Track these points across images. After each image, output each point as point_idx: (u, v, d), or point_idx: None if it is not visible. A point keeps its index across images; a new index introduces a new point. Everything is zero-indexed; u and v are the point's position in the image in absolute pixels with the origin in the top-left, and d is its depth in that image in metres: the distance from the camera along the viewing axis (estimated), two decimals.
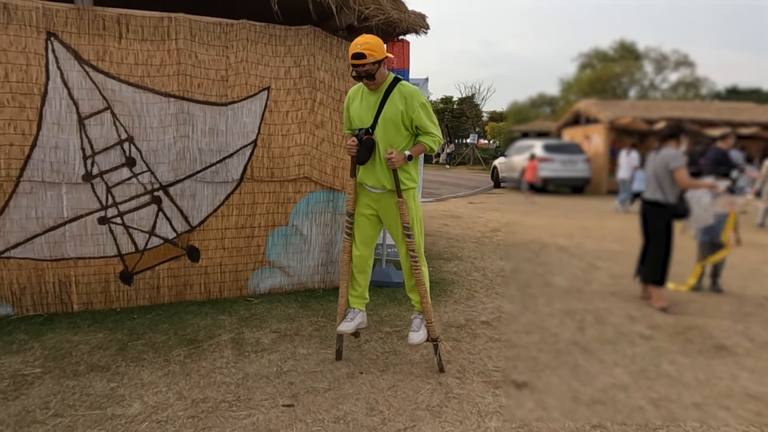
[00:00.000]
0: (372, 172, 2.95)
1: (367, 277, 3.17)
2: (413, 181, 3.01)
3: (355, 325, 3.07)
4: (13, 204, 3.50)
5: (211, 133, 3.91)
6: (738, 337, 3.71)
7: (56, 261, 3.66)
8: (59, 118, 3.52)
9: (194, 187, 3.93)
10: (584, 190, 15.40)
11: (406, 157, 2.87)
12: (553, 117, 27.37)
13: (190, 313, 3.79)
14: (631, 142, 14.70)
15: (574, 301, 4.50)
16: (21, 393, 2.59)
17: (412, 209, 2.99)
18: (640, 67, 25.48)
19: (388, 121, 2.86)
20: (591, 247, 6.98)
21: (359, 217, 3.07)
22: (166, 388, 2.69)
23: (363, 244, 3.09)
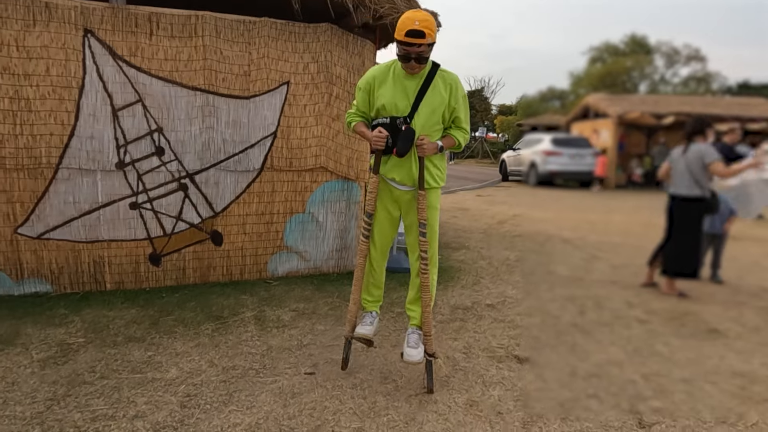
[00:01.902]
0: (403, 166, 2.63)
1: (383, 278, 2.95)
2: (441, 179, 2.74)
3: (375, 329, 2.89)
4: (52, 189, 3.78)
5: (234, 124, 4.16)
6: (730, 322, 3.92)
7: (91, 243, 3.94)
8: (95, 110, 3.78)
9: (218, 176, 4.19)
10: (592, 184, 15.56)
11: (438, 148, 2.60)
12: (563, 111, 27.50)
13: (214, 294, 4.06)
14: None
15: (575, 288, 4.72)
16: (69, 359, 2.87)
17: (433, 209, 2.72)
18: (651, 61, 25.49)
19: (431, 110, 2.56)
20: (594, 240, 7.18)
21: (380, 216, 2.77)
22: (198, 357, 2.95)
23: (381, 246, 2.85)
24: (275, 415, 2.39)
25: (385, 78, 2.62)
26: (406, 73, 2.56)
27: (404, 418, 2.43)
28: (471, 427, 2.38)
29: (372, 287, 2.94)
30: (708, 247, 4.98)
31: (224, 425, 2.29)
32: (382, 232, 2.82)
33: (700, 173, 4.33)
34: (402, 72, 2.58)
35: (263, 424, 2.31)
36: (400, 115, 2.57)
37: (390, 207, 2.78)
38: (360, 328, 2.83)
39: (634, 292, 4.65)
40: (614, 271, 5.37)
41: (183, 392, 2.55)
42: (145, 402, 2.45)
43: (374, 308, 2.95)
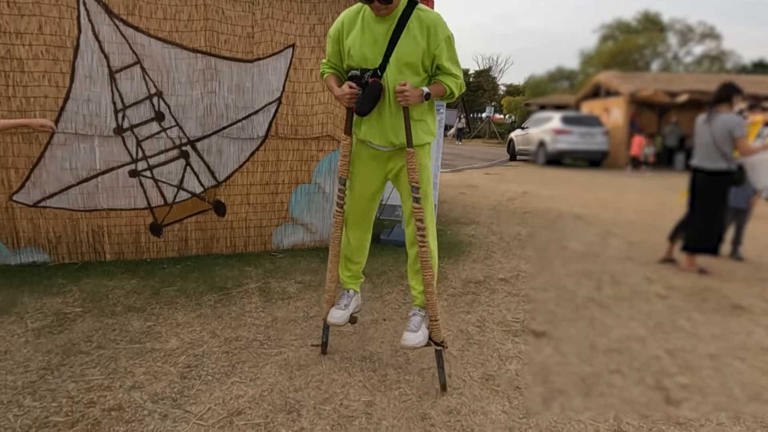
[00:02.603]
0: (379, 126, 2.26)
1: (365, 252, 2.62)
2: (430, 133, 2.36)
3: (349, 313, 2.53)
4: (48, 155, 3.62)
5: (237, 89, 3.97)
6: (754, 298, 3.75)
7: (89, 212, 3.79)
8: (91, 72, 3.60)
9: (220, 143, 4.02)
10: (602, 163, 15.29)
11: (423, 95, 2.18)
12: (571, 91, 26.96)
13: (218, 265, 3.92)
14: None
15: (591, 263, 4.55)
16: (65, 328, 2.74)
17: (425, 168, 2.33)
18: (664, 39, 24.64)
19: (404, 61, 2.16)
20: (608, 217, 7.00)
21: (357, 183, 2.43)
22: (200, 328, 2.82)
23: (359, 216, 2.49)
24: (280, 387, 2.25)
25: (353, 22, 2.25)
26: (375, 15, 2.16)
27: (417, 392, 2.29)
28: (488, 402, 2.24)
29: (349, 262, 2.61)
30: (730, 223, 4.78)
31: (226, 397, 2.16)
32: (359, 201, 2.47)
33: (727, 145, 4.08)
34: (371, 15, 2.18)
35: (267, 396, 2.18)
36: (370, 67, 2.20)
37: (369, 172, 2.40)
38: (332, 312, 2.49)
39: (652, 268, 4.48)
40: (630, 248, 5.19)
41: (183, 363, 2.42)
42: (143, 372, 2.32)
43: (352, 286, 2.62)
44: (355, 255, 2.60)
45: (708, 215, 4.22)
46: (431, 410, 2.15)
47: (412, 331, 2.34)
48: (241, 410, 2.07)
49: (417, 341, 2.31)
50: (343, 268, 2.61)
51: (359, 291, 2.69)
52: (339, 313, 2.49)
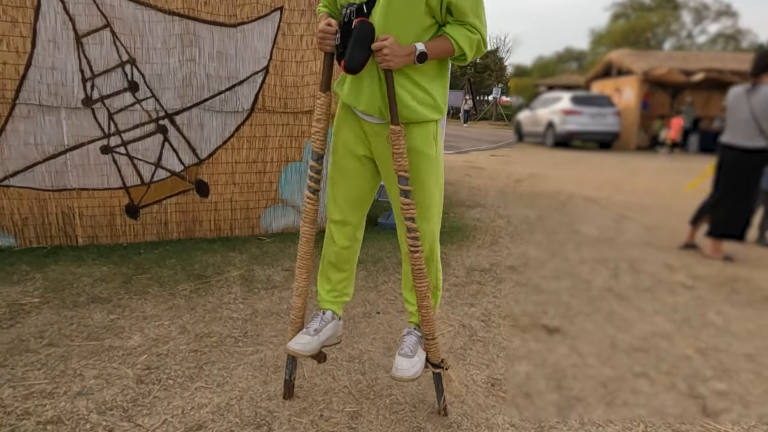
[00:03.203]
0: (365, 85, 1.69)
1: (354, 256, 1.98)
2: (434, 107, 1.71)
3: (319, 342, 1.85)
4: (10, 128, 3.28)
5: (219, 57, 3.60)
6: None
7: (58, 191, 3.47)
8: (55, 35, 3.24)
9: (202, 117, 3.66)
10: (612, 145, 14.81)
11: (416, 54, 1.58)
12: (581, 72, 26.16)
13: (200, 250, 3.60)
14: None
15: (606, 249, 4.20)
16: (16, 322, 2.43)
17: (425, 157, 1.72)
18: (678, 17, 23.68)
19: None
20: (621, 200, 6.62)
21: (345, 159, 1.83)
22: (169, 322, 2.51)
23: (349, 202, 1.88)
24: (251, 395, 1.93)
25: None
26: None
27: (411, 399, 1.97)
28: (493, 412, 1.91)
29: (332, 270, 1.95)
30: (759, 206, 4.40)
31: (186, 406, 1.84)
32: (348, 184, 1.85)
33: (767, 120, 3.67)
34: None
35: (235, 406, 1.86)
36: (355, 1, 1.64)
37: (356, 145, 1.81)
38: (296, 339, 1.82)
39: (673, 254, 4.12)
40: (648, 233, 4.83)
41: (143, 364, 2.11)
42: (95, 376, 2.01)
43: (331, 306, 1.95)
44: (341, 259, 1.94)
45: (739, 197, 3.84)
46: (427, 423, 1.83)
47: (406, 356, 1.80)
48: (202, 423, 1.76)
49: (413, 372, 1.75)
50: (323, 278, 1.98)
51: (341, 316, 1.99)
52: (305, 339, 1.82)
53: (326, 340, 1.90)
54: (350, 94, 1.75)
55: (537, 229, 4.77)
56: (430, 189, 1.79)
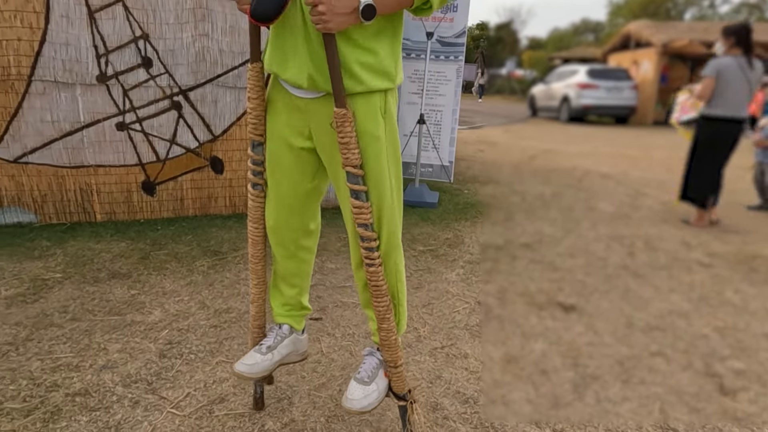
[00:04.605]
0: (288, 47, 1.33)
1: (304, 267, 1.67)
2: (380, 72, 1.33)
3: (273, 362, 1.59)
4: (26, 105, 3.30)
5: (232, 31, 3.56)
6: None
7: (76, 168, 3.50)
8: (68, 11, 3.22)
9: (216, 93, 3.64)
10: (629, 120, 14.53)
11: (360, 8, 1.20)
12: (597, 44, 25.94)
13: (215, 226, 3.63)
14: None
15: (622, 226, 4.17)
16: (40, 296, 2.49)
17: (375, 139, 1.36)
18: None
19: None
20: (637, 176, 6.53)
21: (279, 150, 1.47)
22: (188, 297, 2.55)
23: (284, 204, 1.53)
24: None
25: None
26: None
27: (427, 375, 1.99)
28: (510, 389, 1.93)
29: (281, 282, 1.68)
30: None
31: (209, 380, 1.89)
32: (283, 181, 1.50)
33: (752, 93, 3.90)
34: None
35: None
36: None
37: (290, 132, 1.44)
38: (246, 357, 1.57)
39: (690, 231, 4.08)
40: (665, 209, 4.77)
41: (165, 339, 2.15)
42: (119, 350, 2.05)
43: (287, 320, 1.69)
44: (287, 272, 1.65)
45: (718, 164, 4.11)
46: (443, 399, 1.85)
47: (361, 382, 1.49)
48: (224, 396, 1.80)
49: (365, 403, 1.44)
50: (274, 289, 1.69)
51: (302, 331, 1.73)
52: (253, 359, 1.55)
53: (284, 358, 1.64)
54: (273, 58, 1.37)
55: (552, 206, 4.73)
56: (381, 180, 1.40)
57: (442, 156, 4.96)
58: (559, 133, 11.78)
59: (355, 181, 1.37)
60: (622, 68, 15.05)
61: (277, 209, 1.54)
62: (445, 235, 3.69)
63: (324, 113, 1.36)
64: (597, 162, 7.48)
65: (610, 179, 6.19)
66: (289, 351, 1.67)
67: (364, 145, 1.36)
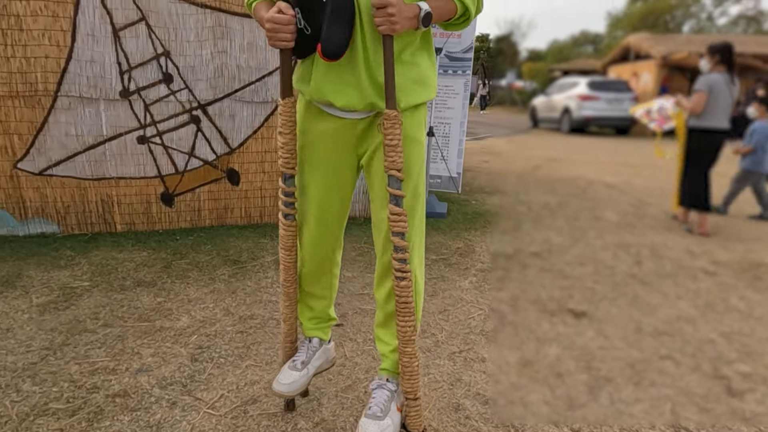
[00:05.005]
0: (347, 74, 1.35)
1: (330, 281, 1.74)
2: (426, 86, 1.43)
3: (309, 376, 1.69)
4: (52, 120, 3.42)
5: (250, 48, 3.69)
6: None
7: (98, 180, 3.61)
8: (93, 29, 3.35)
9: (233, 107, 3.77)
10: (629, 131, 14.68)
11: (420, 16, 1.29)
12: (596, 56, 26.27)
13: (232, 236, 3.73)
14: None
15: (627, 235, 4.26)
16: (71, 304, 2.58)
17: (417, 144, 1.45)
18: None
19: None
20: (641, 185, 6.64)
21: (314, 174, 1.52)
22: (213, 305, 2.64)
23: (323, 228, 1.60)
24: None
25: None
26: None
27: (448, 378, 2.08)
28: (527, 391, 2.02)
29: (308, 297, 1.74)
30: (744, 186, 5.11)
31: (240, 382, 1.98)
32: (322, 201, 1.55)
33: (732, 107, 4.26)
34: None
35: None
36: None
37: (333, 154, 1.49)
38: (282, 376, 1.63)
39: (694, 240, 4.17)
40: (668, 218, 4.87)
41: (194, 344, 2.25)
42: (152, 354, 2.15)
43: (316, 333, 1.77)
44: (313, 285, 1.71)
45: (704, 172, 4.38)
46: (465, 400, 1.94)
47: (374, 417, 1.45)
48: (257, 398, 1.89)
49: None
50: (303, 305, 1.75)
51: (329, 340, 1.82)
52: (292, 377, 1.61)
53: (318, 369, 1.75)
54: (321, 87, 1.37)
55: (558, 215, 4.84)
56: (418, 186, 1.47)
57: (450, 167, 5.07)
58: (561, 144, 11.92)
59: (397, 186, 1.38)
60: (622, 80, 15.23)
61: (317, 231, 1.60)
62: (456, 244, 3.78)
63: (372, 127, 1.45)
64: (600, 172, 7.60)
65: (613, 189, 6.30)
66: (321, 362, 1.78)
67: (407, 149, 1.42)
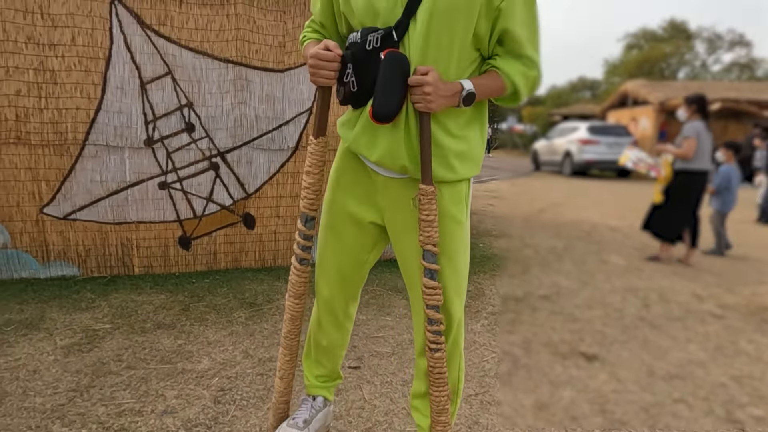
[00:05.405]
0: (384, 134, 1.33)
1: (346, 339, 1.72)
2: (471, 161, 1.39)
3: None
4: (79, 167, 3.58)
5: (268, 99, 3.89)
6: None
7: (119, 224, 3.73)
8: (122, 83, 3.56)
9: (251, 154, 3.93)
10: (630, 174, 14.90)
11: (462, 95, 1.26)
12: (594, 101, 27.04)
13: (247, 279, 3.81)
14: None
15: (635, 279, 4.33)
16: (94, 346, 2.65)
17: (456, 223, 1.40)
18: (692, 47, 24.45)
19: (445, 15, 1.21)
20: None
21: (342, 223, 1.53)
22: (232, 347, 2.70)
23: (342, 275, 1.58)
24: None
25: None
26: None
27: (466, 420, 2.12)
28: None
29: (321, 354, 1.69)
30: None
31: (262, 425, 2.02)
32: (343, 253, 1.54)
33: None
34: None
35: None
36: (380, 26, 1.26)
37: (359, 206, 1.48)
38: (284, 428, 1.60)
39: (700, 284, 4.23)
40: (673, 262, 4.94)
41: (216, 386, 2.30)
42: (175, 396, 2.20)
43: (321, 392, 1.72)
44: (331, 344, 1.66)
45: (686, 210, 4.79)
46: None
47: None
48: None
49: None
50: (311, 361, 1.71)
51: (332, 400, 1.76)
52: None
53: (318, 430, 1.66)
54: (361, 140, 1.37)
55: (565, 259, 4.91)
56: (459, 264, 1.43)
57: None
58: (563, 187, 12.10)
59: (432, 260, 1.34)
60: (621, 125, 15.59)
61: (334, 281, 1.58)
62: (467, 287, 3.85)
63: (403, 194, 1.38)
64: (604, 215, 7.71)
65: (618, 232, 6.39)
66: (321, 424, 1.67)
67: (445, 227, 1.38)
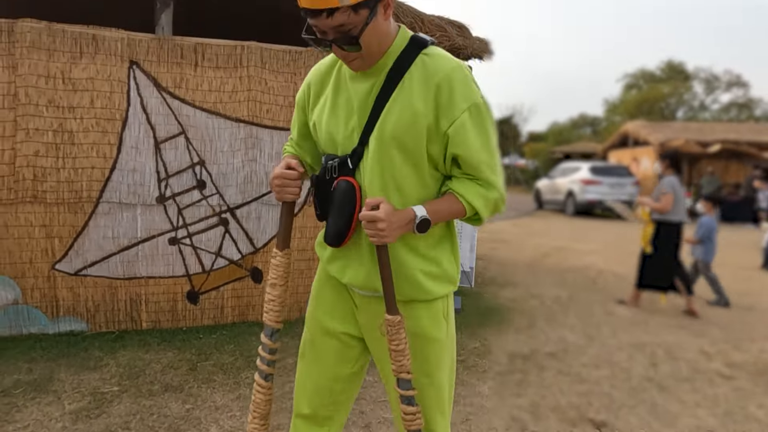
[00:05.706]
0: (352, 256, 1.38)
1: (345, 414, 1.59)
2: (443, 278, 1.36)
3: None
4: (92, 224, 3.65)
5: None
6: None
7: (128, 279, 3.78)
8: (137, 143, 3.67)
9: (260, 210, 4.01)
10: None
11: (415, 223, 1.25)
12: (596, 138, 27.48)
13: (254, 334, 3.82)
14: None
15: (641, 333, 4.32)
16: (102, 411, 2.65)
17: (434, 342, 1.36)
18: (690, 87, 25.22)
19: (393, 142, 1.25)
20: None
21: (321, 337, 1.49)
22: (240, 413, 2.70)
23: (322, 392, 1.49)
24: None
25: (325, 82, 1.38)
26: (352, 69, 1.29)
27: None
28: None
29: None
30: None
31: None
32: (323, 367, 1.48)
33: None
34: (349, 70, 1.32)
35: None
36: (339, 154, 1.34)
37: (336, 320, 1.47)
38: None
39: (707, 339, 4.22)
40: (679, 314, 4.93)
41: None
42: None
43: None
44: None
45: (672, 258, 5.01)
46: None
47: None
48: None
49: None
50: None
51: None
52: None
53: None
54: (334, 262, 1.43)
55: (570, 310, 4.91)
56: (442, 380, 1.38)
57: (463, 261, 5.22)
58: (566, 227, 12.15)
59: (408, 386, 1.30)
60: (623, 165, 15.77)
61: (314, 398, 1.50)
62: (473, 344, 3.85)
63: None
64: (608, 260, 7.72)
65: (623, 279, 6.40)
66: None
67: (423, 350, 1.35)
